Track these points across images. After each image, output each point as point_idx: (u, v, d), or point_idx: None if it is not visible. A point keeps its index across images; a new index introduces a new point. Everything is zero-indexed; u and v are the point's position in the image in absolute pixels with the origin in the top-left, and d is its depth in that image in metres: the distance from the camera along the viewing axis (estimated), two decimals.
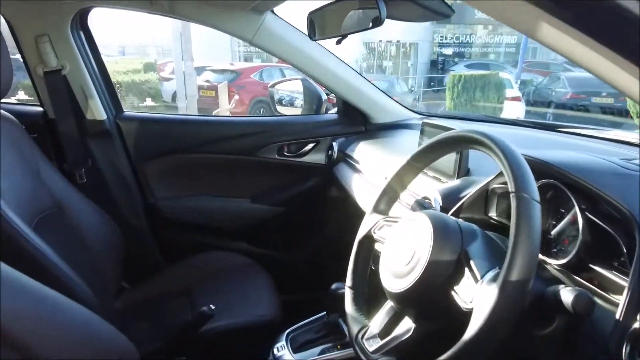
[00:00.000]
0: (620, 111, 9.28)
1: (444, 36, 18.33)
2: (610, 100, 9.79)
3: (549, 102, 10.67)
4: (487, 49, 18.86)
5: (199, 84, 9.51)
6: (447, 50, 18.28)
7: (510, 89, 10.23)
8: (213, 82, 10.05)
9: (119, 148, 1.71)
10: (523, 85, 12.37)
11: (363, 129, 1.83)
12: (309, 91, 1.94)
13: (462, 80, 10.03)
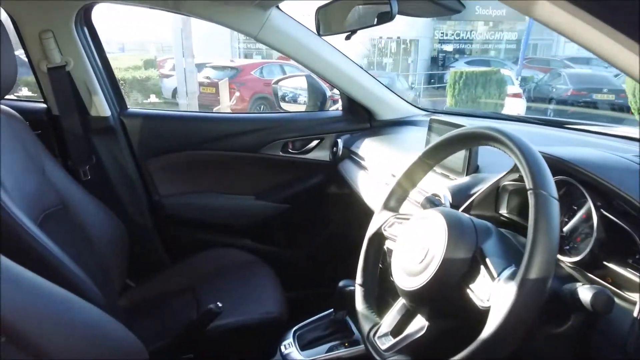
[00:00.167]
0: (622, 108, 9.28)
1: (445, 33, 18.29)
2: (612, 97, 9.80)
3: (550, 99, 10.67)
4: (488, 46, 18.82)
5: (199, 80, 9.49)
6: (448, 46, 18.24)
7: (511, 85, 10.22)
8: (213, 78, 10.03)
9: (123, 145, 1.70)
10: (524, 81, 12.36)
11: (368, 125, 1.82)
12: (313, 88, 1.93)
13: (464, 76, 10.01)
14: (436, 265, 0.69)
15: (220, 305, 1.14)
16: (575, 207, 0.81)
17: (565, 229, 0.81)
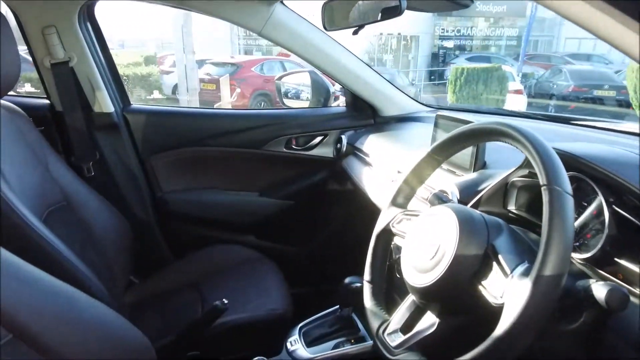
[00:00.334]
0: (621, 104, 9.28)
1: (445, 29, 18.24)
2: (613, 93, 9.79)
3: (551, 95, 10.66)
4: (488, 42, 18.78)
5: (199, 77, 9.47)
6: (448, 43, 18.20)
7: (512, 82, 10.19)
8: (213, 75, 10.02)
9: (126, 141, 1.69)
10: (524, 78, 12.35)
11: (372, 121, 1.81)
12: (316, 84, 1.92)
13: (465, 73, 9.97)
14: (447, 261, 0.68)
15: (226, 302, 1.14)
16: (585, 204, 0.80)
17: (575, 225, 0.80)
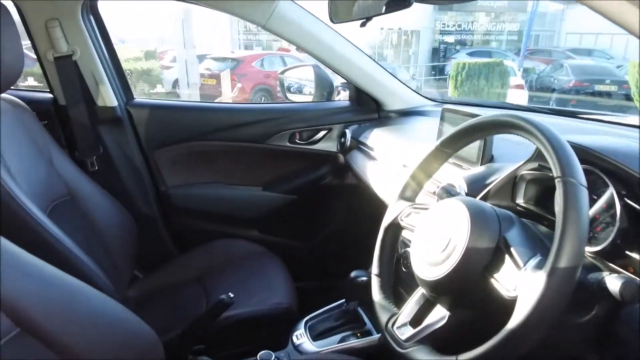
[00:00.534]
0: (624, 98, 9.27)
1: (446, 24, 18.16)
2: (614, 88, 9.77)
3: (552, 90, 10.64)
4: (489, 37, 18.70)
5: (199, 72, 9.45)
6: (449, 37, 18.12)
7: (513, 77, 10.17)
8: (214, 70, 9.99)
9: (130, 135, 1.68)
10: (525, 73, 12.31)
11: (376, 116, 1.81)
12: (320, 78, 1.91)
13: (466, 68, 9.94)
14: (459, 254, 0.68)
15: (232, 295, 1.13)
16: (595, 197, 0.80)
17: None
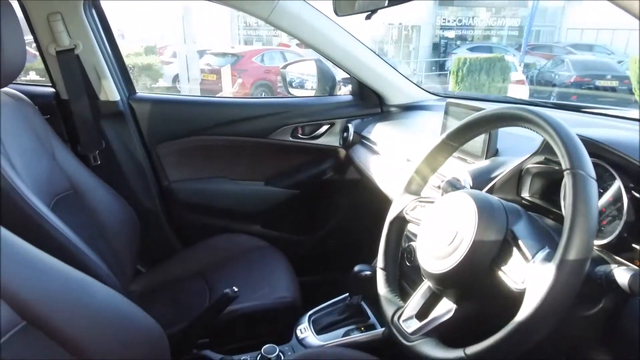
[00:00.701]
0: (625, 93, 9.26)
1: (447, 19, 18.10)
2: (615, 83, 9.75)
3: (553, 86, 10.62)
4: (490, 32, 18.65)
5: (200, 67, 9.43)
6: (450, 33, 18.07)
7: (514, 72, 10.14)
8: (214, 65, 9.96)
9: (132, 130, 1.68)
10: (526, 68, 12.28)
11: (379, 110, 1.80)
12: (322, 72, 1.90)
13: (467, 63, 9.91)
14: (466, 247, 0.68)
15: (236, 290, 1.13)
16: (601, 190, 0.80)
17: None
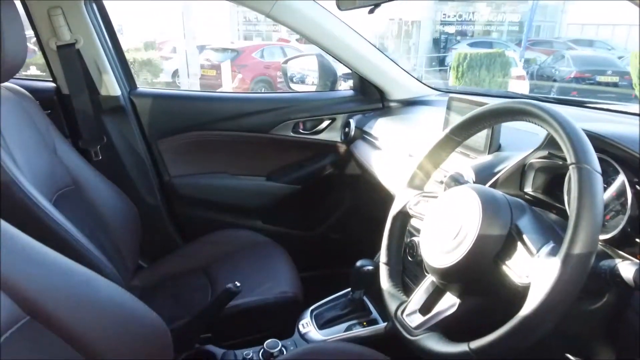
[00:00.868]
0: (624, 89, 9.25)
1: (447, 14, 18.04)
2: (616, 79, 9.73)
3: (553, 81, 10.60)
4: (490, 27, 18.59)
5: (199, 63, 9.42)
6: (450, 28, 18.01)
7: (514, 67, 10.12)
8: (214, 61, 9.94)
9: (133, 125, 1.67)
10: (526, 63, 12.25)
11: (380, 105, 1.80)
12: (324, 67, 1.90)
13: (468, 58, 9.88)
14: (470, 242, 0.68)
15: (238, 285, 1.13)
16: (605, 185, 0.79)
17: None
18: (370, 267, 1.18)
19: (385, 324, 1.19)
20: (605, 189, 0.79)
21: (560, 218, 0.81)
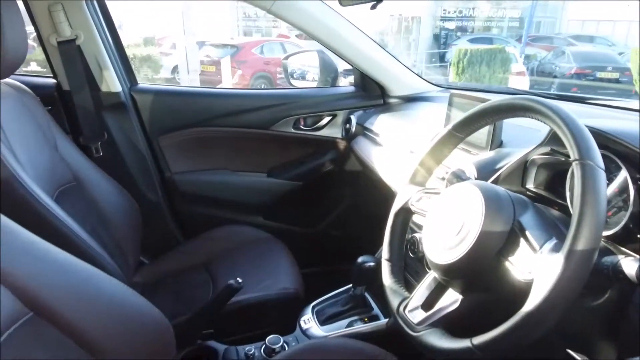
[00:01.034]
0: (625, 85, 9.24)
1: (447, 10, 17.99)
2: (616, 75, 9.72)
3: (554, 77, 10.58)
4: (491, 23, 18.55)
5: (199, 59, 9.39)
6: (450, 24, 17.96)
7: (515, 64, 10.09)
8: (213, 57, 9.92)
9: (134, 121, 1.67)
10: (527, 59, 12.23)
11: (381, 101, 1.79)
12: (324, 63, 1.89)
13: (468, 54, 9.86)
14: (473, 238, 0.68)
15: (240, 281, 1.14)
16: (607, 181, 0.79)
17: None
18: (372, 264, 1.18)
19: (387, 320, 1.19)
20: (607, 185, 0.79)
21: (563, 214, 0.81)
